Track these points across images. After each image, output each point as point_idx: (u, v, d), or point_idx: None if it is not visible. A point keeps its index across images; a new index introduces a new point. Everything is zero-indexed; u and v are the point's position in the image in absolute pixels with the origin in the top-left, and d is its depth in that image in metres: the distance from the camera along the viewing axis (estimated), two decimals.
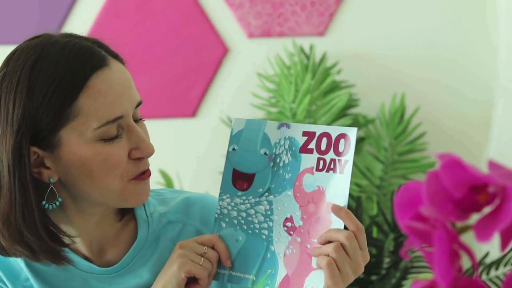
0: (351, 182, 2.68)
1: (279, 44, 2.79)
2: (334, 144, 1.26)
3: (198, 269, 1.25)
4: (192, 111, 2.83)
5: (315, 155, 1.27)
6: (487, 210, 0.67)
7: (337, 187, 1.25)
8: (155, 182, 2.59)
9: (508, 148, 2.70)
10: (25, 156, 1.22)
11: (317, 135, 1.27)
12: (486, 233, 0.65)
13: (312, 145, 1.27)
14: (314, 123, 2.62)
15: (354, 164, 2.69)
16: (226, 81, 2.84)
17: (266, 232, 1.29)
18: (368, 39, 2.81)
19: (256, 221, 1.29)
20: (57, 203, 1.26)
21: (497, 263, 2.40)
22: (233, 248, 1.30)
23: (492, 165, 0.67)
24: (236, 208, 1.30)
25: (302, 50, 2.75)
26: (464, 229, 0.69)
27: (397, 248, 2.46)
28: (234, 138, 1.31)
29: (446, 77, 2.81)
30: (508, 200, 0.65)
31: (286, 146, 1.29)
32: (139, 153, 1.26)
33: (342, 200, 1.25)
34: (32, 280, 1.33)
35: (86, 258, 1.34)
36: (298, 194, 1.27)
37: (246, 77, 2.81)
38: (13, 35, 2.85)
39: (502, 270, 2.41)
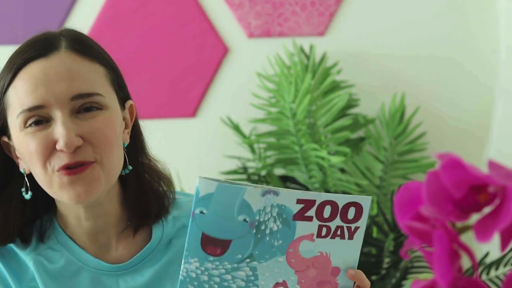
0: (351, 183, 2.69)
1: (279, 44, 2.79)
2: (341, 212, 1.21)
3: None
4: (192, 111, 2.83)
5: (316, 222, 1.21)
6: (487, 210, 0.67)
7: (345, 252, 1.22)
8: None
9: (508, 148, 2.70)
10: None
11: (317, 203, 1.20)
12: (486, 233, 0.65)
13: (310, 212, 1.20)
14: (314, 123, 2.62)
15: (354, 164, 2.69)
16: (226, 81, 2.84)
17: None
18: (368, 39, 2.81)
19: (234, 286, 1.22)
20: (28, 195, 1.32)
21: (497, 263, 2.40)
22: None
23: (492, 165, 0.67)
24: (207, 273, 1.21)
25: (302, 50, 2.75)
26: (464, 229, 0.69)
27: (397, 248, 2.45)
28: (202, 201, 1.18)
29: (446, 77, 2.81)
30: (508, 200, 0.65)
31: (274, 214, 1.20)
32: (58, 145, 1.27)
33: (352, 266, 1.23)
34: (39, 280, 1.34)
35: (94, 255, 1.36)
36: (293, 260, 1.22)
37: (246, 77, 2.81)
38: (13, 35, 2.85)
39: (502, 270, 2.41)
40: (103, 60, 1.34)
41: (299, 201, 1.20)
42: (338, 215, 1.21)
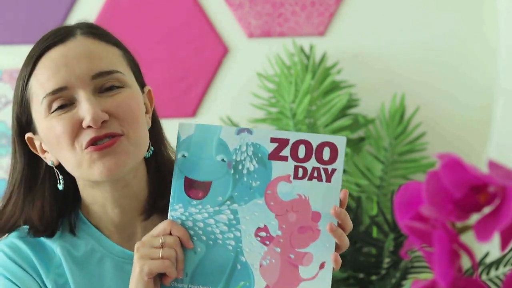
0: (351, 183, 2.69)
1: (279, 44, 2.79)
2: (316, 152, 1.22)
3: (158, 266, 1.23)
4: (192, 111, 2.83)
5: (291, 162, 1.22)
6: (487, 210, 0.67)
7: (325, 196, 1.23)
8: None
9: (508, 149, 2.70)
10: (23, 142, 1.36)
11: (291, 142, 1.22)
12: (486, 233, 0.65)
13: (285, 152, 1.22)
14: (314, 123, 2.62)
15: (354, 164, 2.69)
16: (226, 81, 2.84)
17: (232, 242, 1.23)
18: (368, 39, 2.81)
19: (217, 231, 1.23)
20: (61, 184, 1.36)
21: (497, 263, 2.40)
22: (191, 260, 1.24)
23: (492, 165, 0.67)
24: (191, 218, 1.24)
25: (302, 50, 2.75)
26: (464, 229, 0.69)
27: (397, 248, 2.45)
28: (183, 144, 1.24)
29: (446, 77, 2.81)
30: (508, 200, 0.65)
31: (250, 153, 1.23)
32: (84, 122, 1.29)
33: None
34: (65, 266, 1.36)
35: (119, 243, 1.38)
36: (272, 203, 1.23)
37: (246, 77, 2.81)
38: (13, 35, 2.85)
39: (502, 270, 2.41)
40: (119, 44, 1.38)
41: (273, 140, 1.22)
42: (313, 155, 1.22)
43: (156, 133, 1.42)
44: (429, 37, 2.80)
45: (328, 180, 1.22)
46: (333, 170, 1.22)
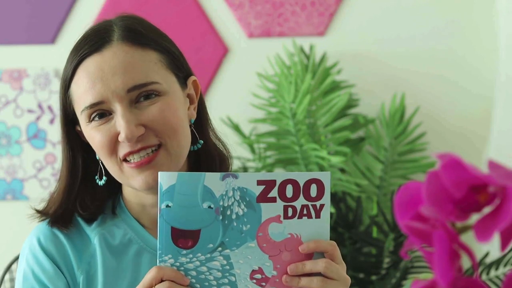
0: (351, 183, 2.68)
1: (279, 44, 2.79)
2: (303, 190, 1.22)
3: None
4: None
5: (280, 203, 1.22)
6: (487, 210, 0.67)
7: (316, 232, 1.23)
8: None
9: (508, 148, 2.70)
10: (71, 136, 1.40)
11: (277, 183, 1.21)
12: (486, 233, 0.65)
13: (273, 193, 1.22)
14: (314, 123, 2.62)
15: (354, 164, 2.69)
16: (226, 81, 2.84)
17: (228, 287, 1.23)
18: (368, 39, 2.81)
19: (211, 278, 1.22)
20: (103, 181, 1.39)
21: (497, 263, 2.40)
22: None
23: (492, 165, 0.67)
24: (182, 268, 1.22)
25: (302, 50, 2.75)
26: (464, 229, 0.69)
27: (397, 248, 2.46)
28: (166, 194, 1.20)
29: (446, 77, 2.81)
30: (508, 200, 0.65)
31: (237, 197, 1.21)
32: (120, 137, 1.32)
33: None
34: (99, 256, 1.38)
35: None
36: (264, 245, 1.22)
37: (246, 77, 2.81)
38: (13, 35, 2.85)
39: (502, 270, 2.41)
40: (156, 45, 1.38)
41: (259, 183, 1.21)
42: (301, 193, 1.22)
43: (202, 124, 1.45)
44: (429, 38, 2.80)
45: (318, 216, 1.23)
46: (322, 206, 1.23)
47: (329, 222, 1.23)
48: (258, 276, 1.23)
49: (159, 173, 1.20)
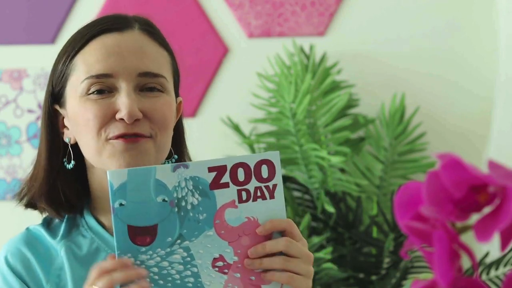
0: (351, 183, 2.68)
1: (279, 44, 2.80)
2: (254, 172, 1.22)
3: None
4: (192, 111, 2.83)
5: (233, 188, 1.21)
6: (487, 210, 0.67)
7: (272, 212, 1.22)
8: None
9: (508, 148, 2.70)
10: (51, 113, 1.37)
11: (228, 168, 1.21)
12: (486, 233, 0.65)
13: (225, 179, 1.21)
14: (314, 123, 2.62)
15: (354, 164, 2.69)
16: (226, 81, 2.84)
17: (191, 279, 1.21)
18: (368, 39, 2.81)
19: (173, 272, 1.21)
20: (71, 165, 1.37)
21: (497, 263, 2.40)
22: None
23: (492, 165, 0.67)
24: (144, 266, 1.19)
25: (302, 50, 2.75)
26: (464, 229, 0.69)
27: (397, 248, 2.46)
28: (118, 193, 1.18)
29: (446, 77, 2.81)
30: (508, 200, 0.65)
31: (190, 187, 1.20)
32: (119, 114, 1.31)
33: None
34: (67, 267, 1.36)
35: None
36: (223, 232, 1.21)
37: (246, 77, 2.81)
38: (13, 35, 2.85)
39: (502, 270, 2.41)
40: (169, 50, 1.41)
41: (210, 169, 1.21)
42: (253, 175, 1.22)
43: (180, 142, 1.46)
44: (429, 38, 2.80)
45: (272, 196, 1.23)
46: (274, 186, 1.23)
47: (284, 201, 1.23)
48: (220, 263, 1.22)
49: (108, 172, 1.18)
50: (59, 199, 1.39)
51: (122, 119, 1.31)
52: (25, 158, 2.87)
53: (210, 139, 2.82)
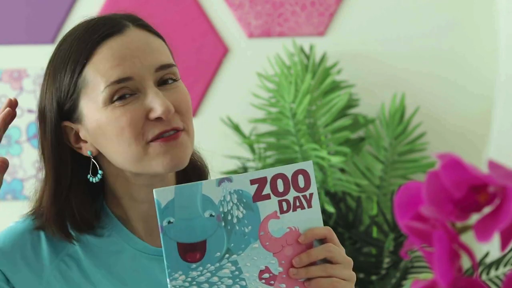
0: (351, 183, 2.68)
1: (279, 44, 2.80)
2: (292, 182, 1.23)
3: None
4: (192, 111, 2.83)
5: (274, 199, 1.23)
6: (487, 210, 0.67)
7: (310, 221, 1.24)
8: None
9: (508, 148, 2.70)
10: (59, 131, 1.34)
11: (269, 179, 1.22)
12: (486, 233, 0.65)
13: (266, 190, 1.22)
14: (314, 123, 2.62)
15: (354, 164, 2.69)
16: (226, 81, 2.84)
17: None
18: (368, 39, 2.81)
19: (223, 286, 1.21)
20: (99, 176, 1.33)
21: (497, 263, 2.40)
22: None
23: (492, 165, 0.67)
24: (194, 283, 1.20)
25: (302, 50, 2.75)
26: (464, 229, 0.69)
27: (397, 248, 2.46)
28: (166, 211, 1.18)
29: (446, 77, 2.81)
30: (508, 200, 0.65)
31: (235, 201, 1.21)
32: (154, 113, 1.28)
33: None
34: (81, 251, 1.35)
35: (141, 237, 1.37)
36: (267, 243, 1.23)
37: (246, 77, 2.81)
38: (13, 35, 2.85)
39: (502, 270, 2.41)
40: (162, 37, 1.39)
41: (252, 182, 1.22)
42: (291, 186, 1.23)
43: None
44: (429, 38, 2.80)
45: (309, 205, 1.24)
46: (311, 195, 1.24)
47: (320, 210, 1.25)
48: (266, 275, 1.23)
49: (154, 190, 1.17)
50: (75, 220, 1.35)
51: (157, 118, 1.28)
52: (25, 158, 2.86)
53: (210, 139, 2.82)
